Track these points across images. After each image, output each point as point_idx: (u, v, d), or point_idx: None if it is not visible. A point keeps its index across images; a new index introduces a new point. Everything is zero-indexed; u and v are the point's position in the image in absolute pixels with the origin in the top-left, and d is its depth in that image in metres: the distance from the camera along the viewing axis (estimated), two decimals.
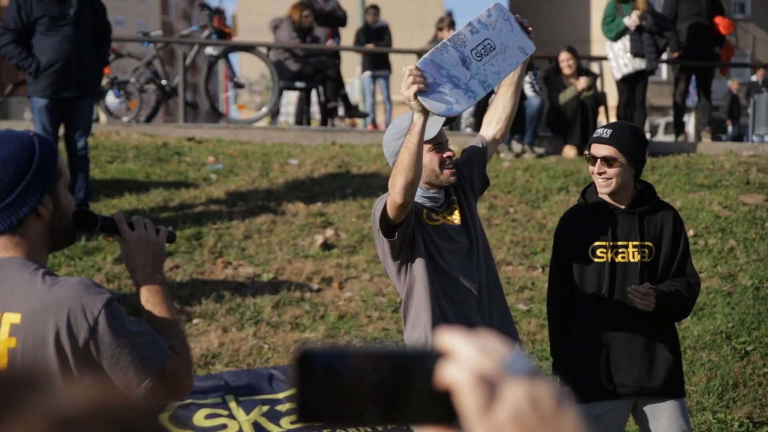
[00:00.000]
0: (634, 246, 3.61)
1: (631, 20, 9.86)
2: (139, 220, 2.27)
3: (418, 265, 3.35)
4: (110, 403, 0.77)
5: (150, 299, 2.20)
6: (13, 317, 2.00)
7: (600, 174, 3.58)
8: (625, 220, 3.63)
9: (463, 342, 0.84)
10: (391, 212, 3.23)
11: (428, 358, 0.84)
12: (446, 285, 3.38)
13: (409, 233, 3.33)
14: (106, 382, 1.96)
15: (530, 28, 3.37)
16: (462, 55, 3.21)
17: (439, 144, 3.42)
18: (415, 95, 3.05)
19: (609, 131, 3.60)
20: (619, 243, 3.62)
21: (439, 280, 3.37)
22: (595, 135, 3.66)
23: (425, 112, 3.10)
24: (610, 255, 3.62)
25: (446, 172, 3.43)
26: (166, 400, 2.23)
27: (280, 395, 4.91)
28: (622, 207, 3.65)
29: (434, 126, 3.34)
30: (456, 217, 3.51)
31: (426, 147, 3.34)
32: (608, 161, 3.56)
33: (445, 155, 3.42)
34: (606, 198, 3.65)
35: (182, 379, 2.14)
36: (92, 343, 2.00)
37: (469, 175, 3.63)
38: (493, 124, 3.71)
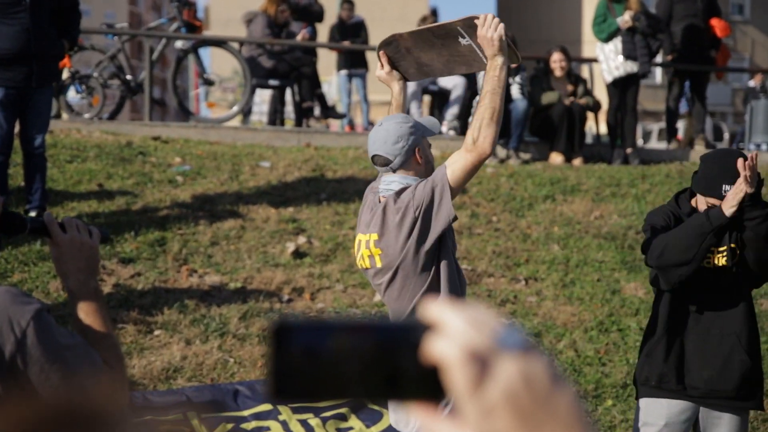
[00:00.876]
0: (719, 251, 3.69)
1: (623, 20, 9.91)
2: (71, 222, 2.22)
3: (444, 258, 3.34)
4: None
5: (82, 308, 2.16)
6: None
7: None
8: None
9: (452, 314, 0.82)
10: (467, 174, 3.24)
11: (414, 332, 0.83)
12: (460, 282, 3.41)
13: None
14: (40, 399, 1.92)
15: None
16: None
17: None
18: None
19: None
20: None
21: (458, 277, 3.41)
22: None
23: (504, 56, 3.25)
24: None
25: None
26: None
27: (246, 413, 4.88)
28: None
29: (436, 125, 3.48)
30: None
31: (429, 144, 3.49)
32: None
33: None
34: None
35: (116, 394, 2.11)
36: (19, 356, 1.94)
37: None
38: None
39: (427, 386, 0.82)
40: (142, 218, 7.26)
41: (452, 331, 0.81)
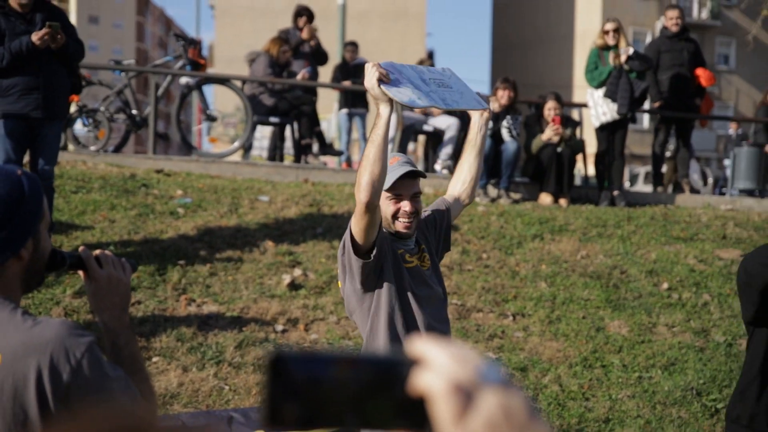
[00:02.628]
0: None
1: (622, 53, 9.99)
2: (106, 258, 2.24)
3: (384, 299, 3.36)
4: None
5: (117, 342, 2.19)
6: None
7: None
8: None
9: (438, 350, 0.87)
10: (358, 222, 3.18)
11: (404, 365, 0.87)
12: (409, 326, 3.39)
13: (381, 263, 3.33)
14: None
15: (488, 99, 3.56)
16: (421, 76, 3.43)
17: (398, 195, 3.43)
18: (379, 83, 3.16)
19: None
20: None
21: (403, 319, 3.38)
22: None
23: (390, 105, 3.19)
24: None
25: (398, 223, 3.45)
26: None
27: None
28: None
29: (392, 174, 3.37)
30: (427, 263, 3.55)
31: (385, 195, 3.37)
32: None
33: (401, 207, 3.43)
34: None
35: (152, 427, 2.14)
36: (73, 386, 1.98)
37: (433, 236, 3.68)
38: (459, 184, 3.80)
39: (414, 417, 0.87)
40: (143, 248, 7.30)
41: (438, 365, 0.86)
